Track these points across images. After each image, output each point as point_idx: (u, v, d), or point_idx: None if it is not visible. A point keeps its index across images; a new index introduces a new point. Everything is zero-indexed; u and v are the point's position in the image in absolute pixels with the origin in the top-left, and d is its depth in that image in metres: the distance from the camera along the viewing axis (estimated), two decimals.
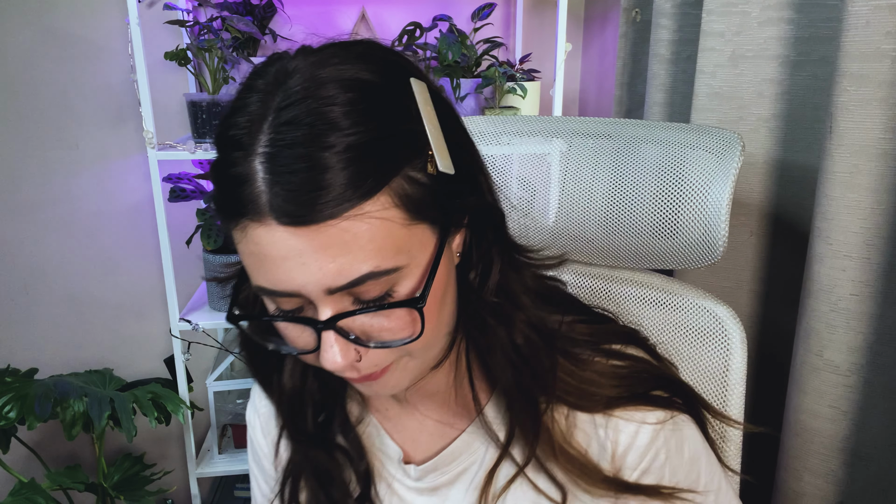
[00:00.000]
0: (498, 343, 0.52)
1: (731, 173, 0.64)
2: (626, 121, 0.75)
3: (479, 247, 0.51)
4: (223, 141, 0.44)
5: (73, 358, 1.65)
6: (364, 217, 0.41)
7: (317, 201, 0.40)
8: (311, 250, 0.41)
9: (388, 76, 0.45)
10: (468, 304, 0.52)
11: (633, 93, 1.31)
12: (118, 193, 1.57)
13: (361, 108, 0.42)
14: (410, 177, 0.43)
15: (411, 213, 0.44)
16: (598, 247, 0.74)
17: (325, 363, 0.45)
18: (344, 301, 0.44)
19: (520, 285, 0.53)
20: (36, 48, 1.47)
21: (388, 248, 0.43)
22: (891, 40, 0.72)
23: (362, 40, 0.48)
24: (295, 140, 0.40)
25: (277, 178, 0.40)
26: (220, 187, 0.44)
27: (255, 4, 1.42)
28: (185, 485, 1.65)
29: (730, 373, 0.71)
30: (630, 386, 0.55)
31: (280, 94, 0.42)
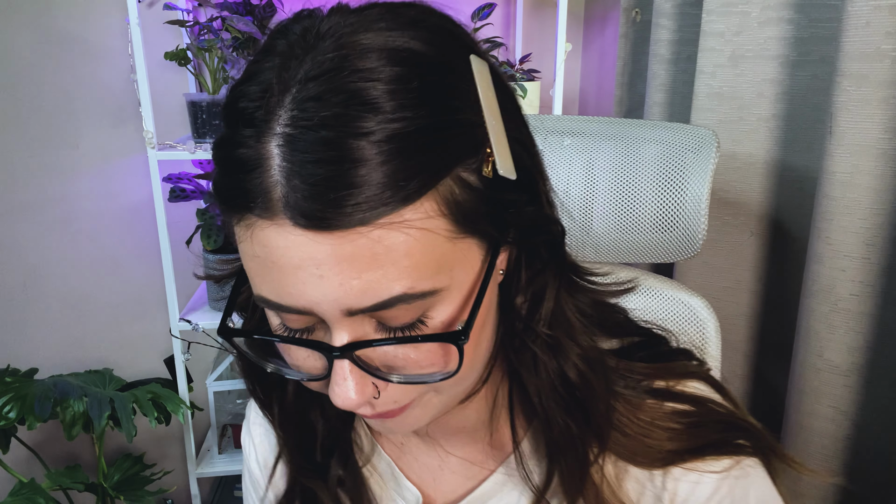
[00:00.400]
0: (548, 380, 0.44)
1: (709, 169, 0.65)
2: (598, 118, 0.76)
3: (532, 267, 0.42)
4: (231, 114, 0.35)
5: (73, 358, 1.65)
6: (402, 226, 0.33)
7: (346, 202, 0.32)
8: (332, 261, 0.33)
9: (446, 50, 0.36)
10: (513, 334, 0.43)
11: (633, 93, 1.31)
12: (118, 193, 1.57)
13: (411, 88, 0.33)
14: (463, 179, 0.35)
15: (459, 224, 0.35)
16: (575, 244, 0.73)
17: (336, 399, 0.37)
18: (365, 325, 0.36)
19: (577, 314, 0.44)
20: (36, 48, 1.47)
21: (428, 266, 0.34)
22: (891, 40, 0.72)
23: (414, 2, 0.38)
24: (323, 121, 0.32)
25: (298, 167, 0.32)
26: (223, 171, 0.35)
27: (255, 4, 1.42)
28: (185, 485, 1.65)
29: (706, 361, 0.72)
30: (693, 438, 0.46)
31: (308, 61, 0.33)
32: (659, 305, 0.72)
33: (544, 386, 0.44)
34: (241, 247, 0.36)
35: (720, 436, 0.47)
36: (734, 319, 1.05)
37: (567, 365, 0.43)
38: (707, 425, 0.47)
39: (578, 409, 0.44)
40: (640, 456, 0.46)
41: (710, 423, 0.47)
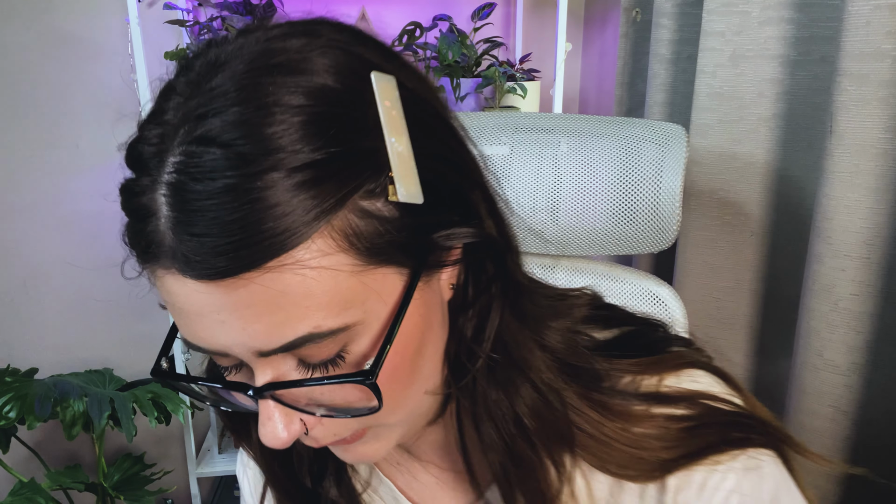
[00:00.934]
0: (488, 413, 0.40)
1: (681, 162, 0.69)
2: (568, 115, 0.78)
3: (477, 284, 0.40)
4: (131, 159, 0.35)
5: (73, 358, 1.65)
6: (295, 267, 0.32)
7: (229, 251, 0.31)
8: (230, 308, 0.32)
9: (342, 73, 0.34)
10: (458, 356, 0.40)
11: (633, 92, 1.31)
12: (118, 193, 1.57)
13: (296, 123, 0.31)
14: (363, 209, 0.33)
15: (364, 255, 0.33)
16: (548, 238, 0.76)
17: (264, 438, 0.36)
18: (286, 362, 0.35)
19: (530, 339, 0.41)
20: (36, 48, 1.47)
21: (333, 304, 0.33)
22: (891, 40, 0.72)
23: (319, 21, 0.37)
24: (202, 167, 0.31)
25: (182, 216, 0.31)
26: (126, 217, 0.35)
27: (255, 4, 1.42)
28: (185, 485, 1.65)
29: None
30: (691, 442, 0.42)
31: (199, 97, 0.33)
32: (627, 294, 0.76)
33: (483, 418, 0.41)
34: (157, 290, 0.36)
35: (723, 434, 0.43)
36: (734, 319, 1.05)
37: (516, 399, 0.40)
38: (707, 427, 0.43)
39: (523, 444, 0.41)
40: (633, 470, 0.42)
41: (711, 424, 0.43)
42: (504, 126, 0.79)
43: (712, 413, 0.43)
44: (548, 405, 0.41)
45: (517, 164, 0.76)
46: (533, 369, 0.41)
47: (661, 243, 0.72)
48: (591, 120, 0.77)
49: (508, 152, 0.76)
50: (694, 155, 1.01)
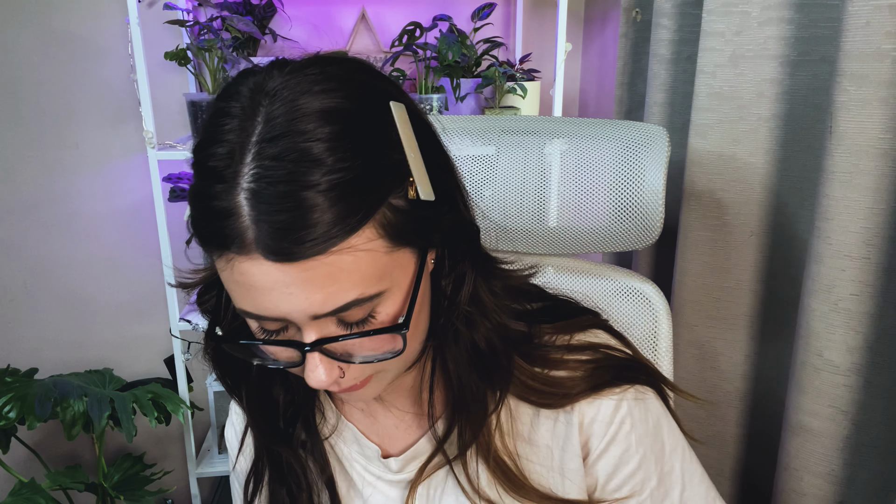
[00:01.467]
0: (463, 347, 0.54)
1: (663, 162, 0.73)
2: (554, 118, 0.81)
3: (454, 259, 0.52)
4: (203, 171, 0.43)
5: (73, 358, 1.65)
6: (350, 250, 0.42)
7: (304, 240, 0.41)
8: (298, 282, 0.42)
9: (368, 102, 0.45)
10: (439, 312, 0.53)
11: (633, 93, 1.31)
12: (118, 193, 1.57)
13: (344, 143, 0.42)
14: (393, 205, 0.45)
15: (393, 240, 0.45)
16: (534, 237, 0.80)
17: (311, 382, 0.47)
18: (328, 324, 0.46)
19: (489, 295, 0.55)
20: (36, 48, 1.47)
21: (372, 276, 0.44)
22: (891, 40, 0.72)
23: (341, 59, 0.48)
24: (279, 177, 0.40)
25: (263, 215, 0.41)
26: (202, 218, 0.44)
27: (255, 4, 1.42)
28: (185, 485, 1.65)
29: (659, 341, 0.80)
30: (594, 378, 0.57)
31: (260, 124, 0.42)
32: (612, 291, 0.81)
33: (460, 352, 0.54)
34: (223, 275, 0.45)
35: (617, 373, 0.58)
36: (734, 319, 1.05)
37: (478, 335, 0.54)
38: (605, 368, 0.58)
39: (482, 364, 0.55)
40: (550, 399, 0.57)
41: (608, 366, 0.58)
42: (491, 128, 0.80)
43: (609, 358, 0.59)
44: (498, 336, 0.55)
45: (504, 166, 0.78)
46: (491, 312, 0.55)
47: (646, 240, 0.76)
48: (575, 122, 0.80)
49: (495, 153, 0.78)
50: (694, 155, 1.01)
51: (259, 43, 1.45)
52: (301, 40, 1.52)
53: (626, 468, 0.58)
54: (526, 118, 0.84)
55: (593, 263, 0.83)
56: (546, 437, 0.59)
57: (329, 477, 0.63)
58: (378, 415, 0.64)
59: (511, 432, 0.59)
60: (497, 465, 0.56)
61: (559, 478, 0.59)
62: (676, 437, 0.61)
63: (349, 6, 1.53)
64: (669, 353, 0.79)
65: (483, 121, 0.83)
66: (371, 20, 1.53)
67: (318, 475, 0.63)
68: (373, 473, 0.64)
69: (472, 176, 0.79)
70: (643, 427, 0.58)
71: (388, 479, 0.63)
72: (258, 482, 0.64)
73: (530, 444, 0.59)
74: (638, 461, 0.58)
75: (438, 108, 1.38)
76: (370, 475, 0.64)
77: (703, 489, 0.61)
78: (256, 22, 1.40)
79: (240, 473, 0.68)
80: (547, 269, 0.84)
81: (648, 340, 0.79)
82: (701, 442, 0.75)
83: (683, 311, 1.07)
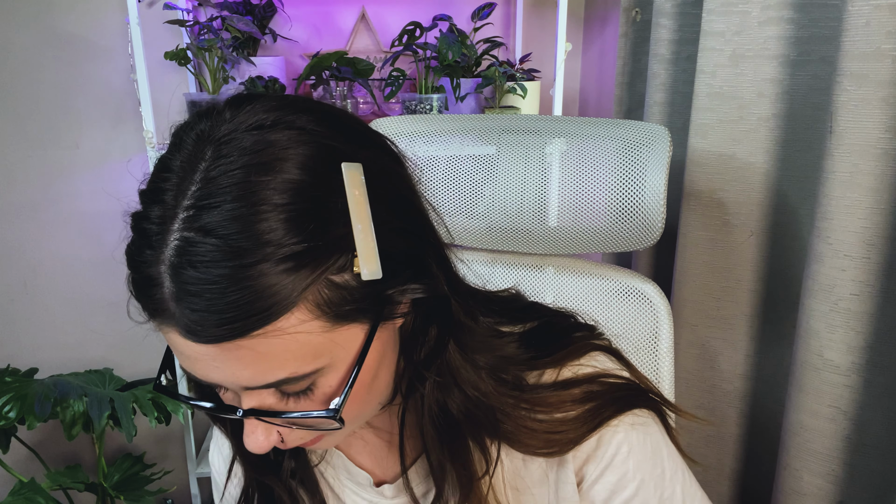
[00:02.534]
0: (428, 411, 0.51)
1: (665, 162, 0.72)
2: (555, 117, 0.80)
3: (424, 323, 0.49)
4: (137, 231, 0.41)
5: (73, 358, 1.65)
6: (277, 333, 0.39)
7: (223, 324, 0.38)
8: (222, 359, 0.40)
9: (317, 167, 0.40)
10: (405, 374, 0.50)
11: (633, 92, 1.31)
12: (118, 193, 1.57)
13: (282, 219, 0.38)
14: (334, 282, 0.40)
15: (332, 319, 0.41)
16: (535, 237, 0.79)
17: (249, 447, 0.45)
18: (267, 392, 0.43)
19: (467, 367, 0.51)
20: (36, 48, 1.47)
21: (307, 356, 0.41)
22: (891, 40, 0.72)
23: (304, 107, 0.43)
24: (201, 255, 0.37)
25: (182, 294, 0.38)
26: (133, 281, 0.41)
27: (255, 4, 1.42)
28: (185, 485, 1.65)
29: (660, 341, 0.79)
30: (593, 418, 0.54)
31: (196, 183, 0.39)
32: (613, 291, 0.80)
33: (426, 415, 0.51)
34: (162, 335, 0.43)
35: (615, 403, 0.55)
36: (734, 319, 1.05)
37: (451, 402, 0.50)
38: (603, 403, 0.54)
39: (455, 432, 0.51)
40: (553, 448, 0.53)
41: (606, 400, 0.54)
42: (491, 128, 0.80)
43: (607, 387, 0.55)
44: (476, 406, 0.51)
45: (504, 166, 0.78)
46: (466, 383, 0.50)
47: (647, 240, 0.75)
48: (576, 122, 0.79)
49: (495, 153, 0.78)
50: (694, 155, 1.01)
51: (259, 43, 1.45)
52: (301, 40, 1.52)
53: (622, 494, 0.55)
54: (526, 117, 0.83)
55: (594, 263, 0.83)
56: (539, 471, 0.57)
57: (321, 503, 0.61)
58: (368, 437, 0.62)
59: (508, 480, 0.56)
60: None
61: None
62: (676, 461, 0.58)
63: (349, 6, 1.53)
64: (670, 354, 0.79)
65: (483, 120, 0.83)
66: (371, 20, 1.53)
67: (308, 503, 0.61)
68: (366, 499, 0.61)
69: (473, 176, 0.79)
70: (641, 452, 0.55)
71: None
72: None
73: (525, 483, 0.57)
74: (635, 487, 0.55)
75: (438, 108, 1.38)
76: (363, 500, 0.61)
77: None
78: (256, 22, 1.40)
79: (228, 500, 0.66)
80: (547, 269, 0.84)
81: (649, 341, 0.79)
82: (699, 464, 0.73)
83: (683, 311, 1.07)
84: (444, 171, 0.80)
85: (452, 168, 0.80)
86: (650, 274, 1.24)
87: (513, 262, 0.85)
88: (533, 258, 0.84)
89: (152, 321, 0.42)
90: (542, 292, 0.83)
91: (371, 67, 1.41)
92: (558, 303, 0.77)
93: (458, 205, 0.80)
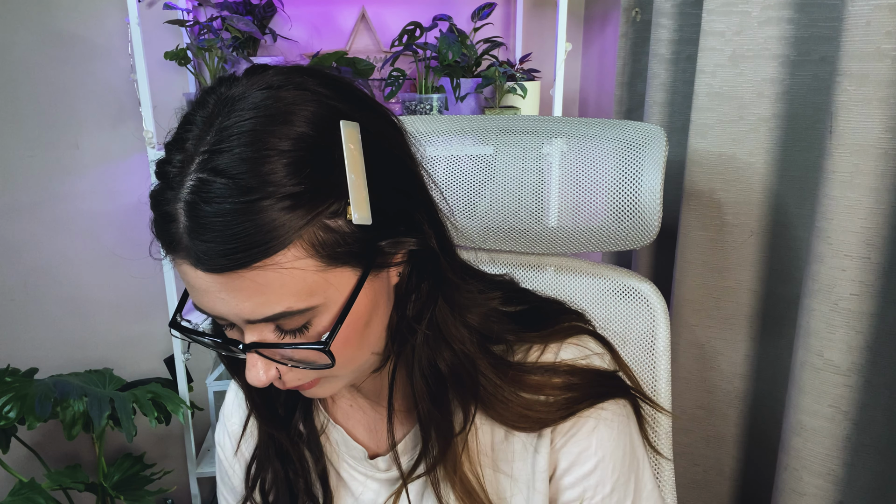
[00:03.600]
0: (419, 367, 0.54)
1: (661, 161, 0.73)
2: (552, 118, 0.81)
3: (417, 279, 0.53)
4: (161, 174, 0.46)
5: (73, 358, 1.65)
6: (274, 267, 0.43)
7: (226, 254, 0.42)
8: (226, 290, 0.45)
9: (320, 121, 0.45)
10: (399, 328, 0.54)
11: (633, 92, 1.31)
12: (118, 193, 1.57)
13: (284, 163, 0.43)
14: (326, 225, 0.45)
15: (326, 259, 0.45)
16: (533, 236, 0.80)
17: (249, 379, 0.49)
18: (265, 328, 0.47)
19: (456, 325, 0.54)
20: (36, 48, 1.47)
21: (301, 292, 0.45)
22: (891, 40, 0.72)
23: (312, 72, 0.48)
24: (211, 192, 0.42)
25: (195, 227, 0.43)
26: (155, 218, 0.46)
27: (255, 4, 1.42)
28: (185, 485, 1.65)
29: (657, 340, 0.79)
30: (569, 405, 0.57)
31: (211, 133, 0.44)
32: (610, 290, 0.81)
33: (417, 371, 0.54)
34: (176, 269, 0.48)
35: (592, 392, 0.58)
36: (734, 319, 1.05)
37: (439, 358, 0.54)
38: (581, 393, 0.57)
39: (441, 390, 0.55)
40: (523, 423, 0.57)
41: (585, 390, 0.58)
42: (490, 128, 0.80)
43: (587, 381, 0.58)
44: (462, 365, 0.55)
45: (503, 166, 0.78)
46: (455, 340, 0.54)
47: (644, 239, 0.76)
48: (573, 122, 0.80)
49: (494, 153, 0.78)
50: (694, 155, 1.01)
51: (259, 43, 1.45)
52: (301, 40, 1.52)
53: (581, 468, 0.58)
54: (524, 118, 0.84)
55: (591, 263, 0.83)
56: (520, 445, 0.59)
57: (323, 469, 0.65)
58: (366, 409, 0.65)
59: (483, 451, 0.59)
60: (462, 485, 0.57)
61: (531, 489, 0.59)
62: (638, 450, 0.61)
63: (349, 6, 1.53)
64: (667, 353, 0.79)
65: (482, 121, 0.83)
66: (371, 20, 1.53)
67: (313, 466, 0.64)
68: (362, 473, 0.65)
69: (472, 176, 0.79)
70: (606, 429, 0.58)
71: (377, 477, 0.64)
72: (260, 467, 0.65)
73: (504, 460, 0.59)
74: (595, 463, 0.58)
75: (438, 108, 1.38)
76: (359, 474, 0.65)
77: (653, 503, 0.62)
78: (256, 22, 1.40)
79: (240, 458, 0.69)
80: (546, 269, 0.84)
81: (646, 340, 0.79)
82: (667, 458, 0.77)
83: (683, 311, 1.07)
84: (443, 171, 0.81)
85: (452, 168, 0.81)
86: (650, 274, 1.24)
87: (511, 262, 0.85)
88: (531, 258, 0.84)
89: (169, 255, 0.46)
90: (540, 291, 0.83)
91: (371, 67, 1.41)
92: None
93: (458, 205, 0.80)
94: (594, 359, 0.60)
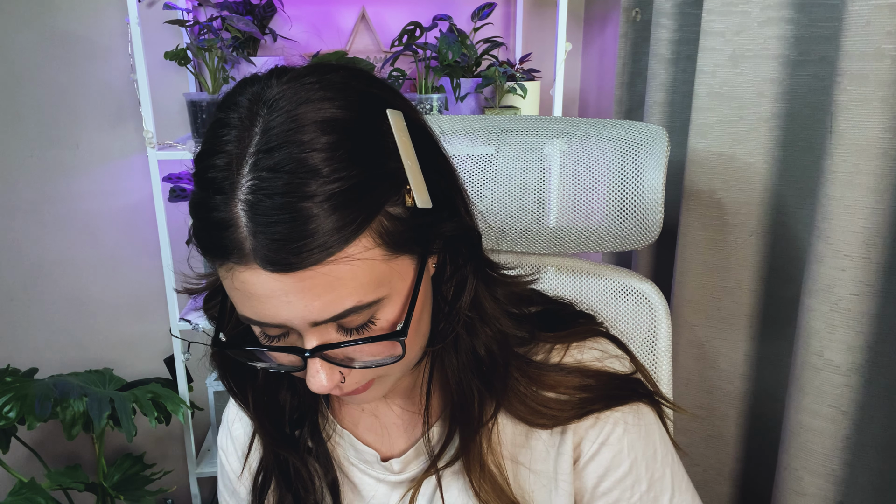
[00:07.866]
0: (463, 354, 0.54)
1: (662, 162, 0.73)
2: (553, 118, 0.81)
3: (455, 263, 0.53)
4: (203, 182, 0.44)
5: (73, 358, 1.65)
6: (347, 260, 0.43)
7: (300, 251, 0.41)
8: (296, 291, 0.43)
9: (365, 111, 0.45)
10: (441, 318, 0.53)
11: (633, 92, 1.31)
12: (118, 193, 1.57)
13: (340, 153, 0.42)
14: (391, 213, 0.45)
15: (391, 248, 0.45)
16: (534, 237, 0.80)
17: (312, 387, 0.47)
18: (328, 330, 0.46)
19: (491, 301, 0.55)
20: (36, 48, 1.47)
21: (370, 284, 0.44)
22: (891, 40, 0.72)
23: (339, 67, 0.48)
24: (275, 189, 0.41)
25: (260, 226, 0.41)
26: (202, 228, 0.44)
27: (255, 4, 1.42)
28: (185, 485, 1.65)
29: (658, 340, 0.80)
30: (583, 406, 0.57)
31: (257, 134, 0.43)
32: (611, 291, 0.81)
33: (459, 358, 0.54)
34: (225, 282, 0.46)
35: (609, 395, 0.58)
36: (734, 319, 1.05)
37: (478, 342, 0.54)
38: (596, 394, 0.57)
39: (482, 378, 0.55)
40: (541, 420, 0.57)
41: (601, 392, 0.58)
42: (490, 128, 0.80)
43: (603, 383, 0.58)
44: (497, 344, 0.55)
45: (503, 166, 0.78)
46: (492, 319, 0.55)
47: (645, 240, 0.76)
48: (574, 122, 0.79)
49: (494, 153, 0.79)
50: (693, 155, 1.01)
51: (259, 43, 1.45)
52: (301, 40, 1.52)
53: (616, 472, 0.58)
54: (525, 118, 0.84)
55: (592, 263, 0.83)
56: (541, 446, 0.59)
57: (333, 479, 0.64)
58: (380, 413, 0.65)
59: (506, 443, 0.59)
60: (485, 476, 0.57)
61: (552, 487, 0.59)
62: (668, 446, 0.62)
63: (349, 6, 1.53)
64: (668, 353, 0.79)
65: (482, 121, 0.83)
66: (371, 20, 1.53)
67: (322, 478, 0.63)
68: (373, 476, 0.64)
69: (472, 176, 0.79)
70: (635, 431, 0.59)
71: (390, 480, 0.63)
72: (266, 486, 0.64)
73: (529, 452, 0.60)
74: (629, 465, 0.58)
75: (438, 108, 1.38)
76: (369, 478, 0.64)
77: (690, 496, 0.62)
78: (256, 22, 1.40)
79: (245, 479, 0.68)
80: (547, 269, 0.84)
81: (647, 340, 0.79)
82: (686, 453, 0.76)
83: (683, 311, 1.07)
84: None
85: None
86: (650, 274, 1.24)
87: (512, 262, 0.85)
88: (532, 258, 0.84)
89: (223, 265, 0.44)
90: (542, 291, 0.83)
91: (371, 67, 1.41)
92: None
93: None
94: (614, 362, 0.60)
